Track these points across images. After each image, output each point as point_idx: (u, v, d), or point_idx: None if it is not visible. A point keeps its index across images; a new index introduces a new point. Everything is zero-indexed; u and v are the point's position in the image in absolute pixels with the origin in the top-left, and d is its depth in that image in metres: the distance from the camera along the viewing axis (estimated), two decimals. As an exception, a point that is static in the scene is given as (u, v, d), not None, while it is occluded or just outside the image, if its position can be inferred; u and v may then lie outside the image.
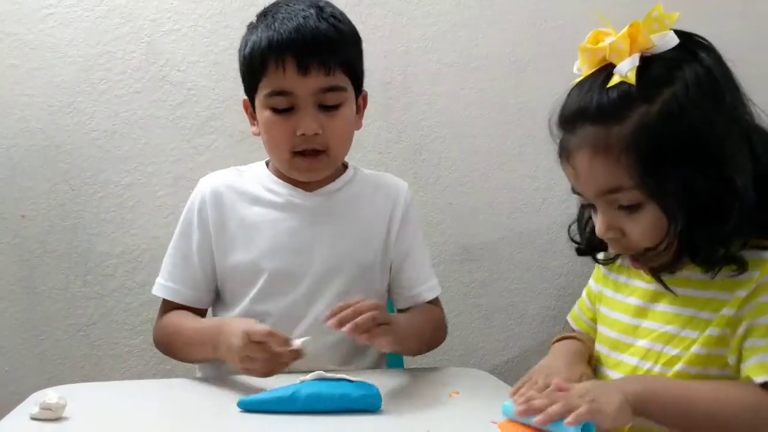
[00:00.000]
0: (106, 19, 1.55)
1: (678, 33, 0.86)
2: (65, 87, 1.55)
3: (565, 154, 0.91)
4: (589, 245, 1.02)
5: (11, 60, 1.53)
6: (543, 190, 1.72)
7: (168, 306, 1.20)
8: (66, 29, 1.54)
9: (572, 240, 1.04)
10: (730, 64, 0.89)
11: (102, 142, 1.57)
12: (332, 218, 1.19)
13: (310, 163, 1.15)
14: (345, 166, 1.25)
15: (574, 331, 1.12)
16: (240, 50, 1.18)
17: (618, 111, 0.85)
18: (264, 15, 1.16)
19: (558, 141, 0.92)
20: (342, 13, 1.17)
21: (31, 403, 0.91)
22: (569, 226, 1.04)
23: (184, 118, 1.59)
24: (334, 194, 1.21)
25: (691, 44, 0.87)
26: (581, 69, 0.90)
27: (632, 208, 0.87)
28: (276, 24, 1.12)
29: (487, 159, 1.71)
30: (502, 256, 1.72)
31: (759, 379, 0.83)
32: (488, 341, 1.73)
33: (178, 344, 1.16)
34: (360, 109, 1.21)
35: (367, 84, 1.60)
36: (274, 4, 1.18)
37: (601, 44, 0.87)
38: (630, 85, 0.84)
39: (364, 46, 1.18)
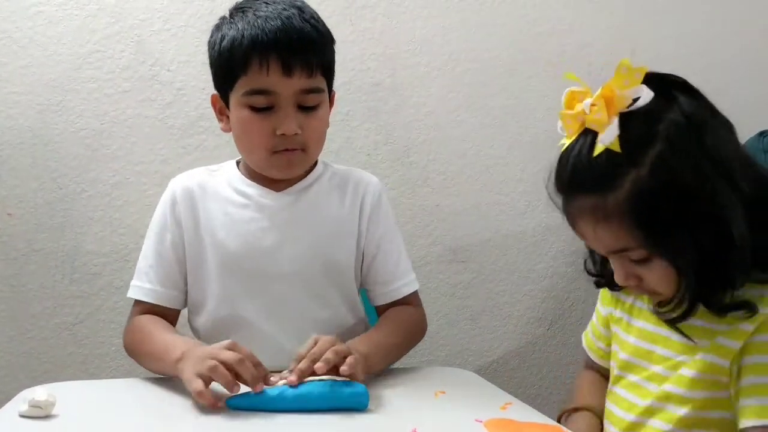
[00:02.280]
0: (95, 18, 1.55)
1: (650, 77, 0.85)
2: (54, 85, 1.54)
3: (569, 218, 0.93)
4: (608, 279, 1.01)
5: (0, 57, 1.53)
6: (529, 193, 1.73)
7: (141, 308, 1.17)
8: (55, 27, 1.54)
9: (588, 273, 1.05)
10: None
11: (90, 141, 1.56)
12: (302, 217, 1.18)
13: (289, 158, 1.13)
14: (315, 163, 1.23)
15: (590, 358, 1.14)
16: (213, 45, 1.14)
17: (609, 179, 0.85)
18: (242, 11, 1.12)
19: (559, 203, 0.94)
20: (317, 14, 1.16)
21: (20, 401, 0.91)
22: (585, 261, 1.05)
23: (173, 117, 1.59)
24: (303, 192, 1.20)
25: (665, 89, 0.87)
26: (564, 130, 0.91)
27: (643, 261, 0.89)
28: (259, 21, 1.09)
29: (474, 162, 1.72)
30: (488, 257, 1.74)
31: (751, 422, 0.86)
32: (474, 342, 1.74)
33: (143, 351, 1.12)
34: (329, 107, 1.20)
35: (356, 86, 1.61)
36: (248, 0, 1.14)
37: (578, 107, 0.88)
38: (616, 151, 0.84)
39: (354, 48, 1.19)
